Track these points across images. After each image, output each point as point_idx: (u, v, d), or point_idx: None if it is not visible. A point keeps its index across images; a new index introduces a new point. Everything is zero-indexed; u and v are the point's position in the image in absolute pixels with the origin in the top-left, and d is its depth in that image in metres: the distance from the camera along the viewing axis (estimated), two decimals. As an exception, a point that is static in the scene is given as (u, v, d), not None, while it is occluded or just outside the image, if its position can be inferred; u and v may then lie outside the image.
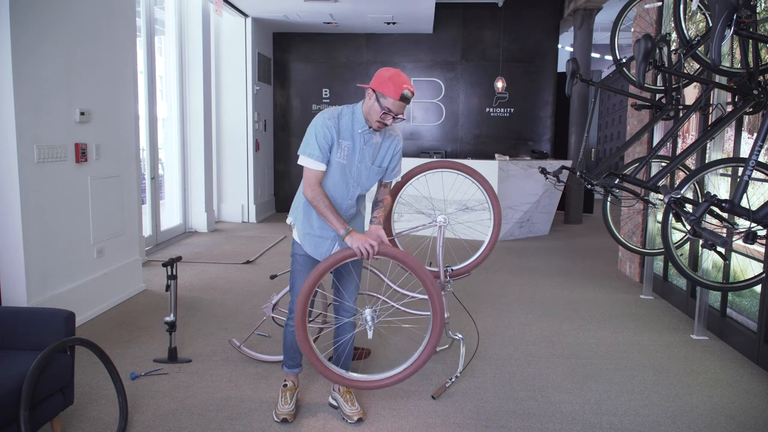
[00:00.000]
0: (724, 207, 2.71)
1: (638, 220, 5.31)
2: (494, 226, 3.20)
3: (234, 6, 7.69)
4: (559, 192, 7.57)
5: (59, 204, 3.69)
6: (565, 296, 4.78)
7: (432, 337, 2.58)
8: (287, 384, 2.78)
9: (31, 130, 3.40)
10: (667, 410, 2.81)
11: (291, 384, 2.79)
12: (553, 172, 3.96)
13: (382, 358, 3.37)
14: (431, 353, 2.61)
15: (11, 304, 3.32)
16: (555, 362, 3.37)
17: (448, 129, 9.53)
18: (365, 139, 2.50)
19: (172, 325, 3.23)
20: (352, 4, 7.40)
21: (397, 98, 2.32)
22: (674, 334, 3.90)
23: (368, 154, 2.53)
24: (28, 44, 3.35)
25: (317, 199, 2.45)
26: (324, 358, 2.59)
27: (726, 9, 2.46)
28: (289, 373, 2.81)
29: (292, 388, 2.77)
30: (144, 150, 6.03)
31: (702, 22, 3.98)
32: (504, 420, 2.69)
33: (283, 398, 2.72)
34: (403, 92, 2.32)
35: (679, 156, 3.52)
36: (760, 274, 3.11)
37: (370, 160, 2.55)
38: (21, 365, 2.18)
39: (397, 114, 2.39)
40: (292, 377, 2.81)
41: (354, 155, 2.51)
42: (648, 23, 5.13)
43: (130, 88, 4.61)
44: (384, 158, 2.58)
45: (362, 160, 2.52)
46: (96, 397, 2.82)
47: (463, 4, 9.05)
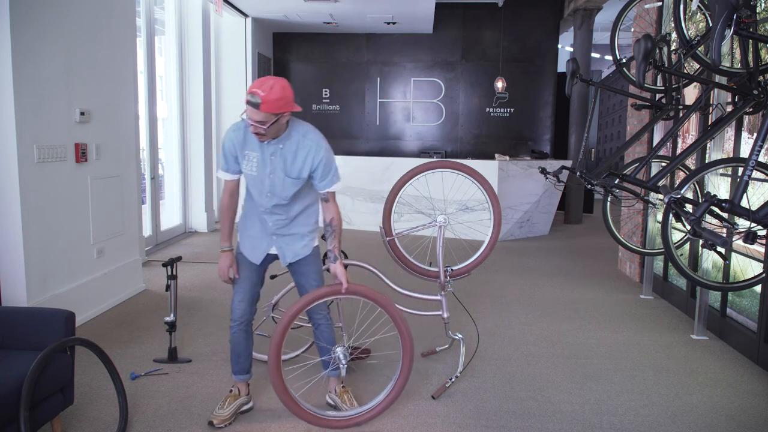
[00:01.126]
0: (724, 207, 2.71)
1: (638, 220, 5.31)
2: (494, 226, 3.20)
3: (234, 6, 7.69)
4: (559, 192, 7.57)
5: (59, 204, 3.69)
6: (565, 296, 4.78)
7: (402, 372, 2.63)
8: (231, 390, 2.70)
9: (31, 130, 3.40)
10: (667, 410, 2.81)
11: (236, 391, 2.68)
12: (553, 172, 3.96)
13: (382, 358, 3.37)
14: (402, 388, 2.65)
15: (11, 304, 3.32)
16: (555, 362, 3.37)
17: (448, 129, 9.53)
18: (272, 150, 2.44)
19: (172, 325, 3.22)
20: (352, 4, 7.40)
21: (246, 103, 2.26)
22: (674, 334, 3.90)
23: (279, 164, 2.45)
24: (28, 44, 3.35)
25: (227, 210, 2.60)
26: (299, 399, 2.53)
27: (726, 9, 2.46)
28: (236, 379, 2.70)
29: (235, 395, 2.66)
30: (144, 150, 6.03)
31: (702, 22, 3.98)
32: (504, 420, 2.68)
33: (222, 402, 2.64)
34: (247, 96, 2.24)
35: (679, 156, 3.52)
36: (760, 274, 3.11)
37: (282, 171, 2.45)
38: (21, 365, 2.18)
39: (256, 121, 2.26)
40: (239, 384, 2.70)
41: (265, 167, 2.46)
42: (648, 23, 5.12)
43: (130, 88, 4.61)
44: (301, 169, 2.45)
45: (273, 171, 2.46)
46: (96, 397, 2.82)
47: (463, 4, 9.05)
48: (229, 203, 2.60)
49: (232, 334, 2.67)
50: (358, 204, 7.81)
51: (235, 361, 2.70)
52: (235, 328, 2.65)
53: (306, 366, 2.96)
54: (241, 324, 2.64)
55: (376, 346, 3.54)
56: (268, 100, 2.21)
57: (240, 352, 2.68)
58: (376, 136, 9.73)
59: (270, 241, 2.62)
